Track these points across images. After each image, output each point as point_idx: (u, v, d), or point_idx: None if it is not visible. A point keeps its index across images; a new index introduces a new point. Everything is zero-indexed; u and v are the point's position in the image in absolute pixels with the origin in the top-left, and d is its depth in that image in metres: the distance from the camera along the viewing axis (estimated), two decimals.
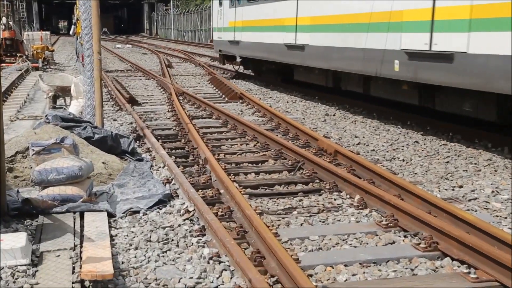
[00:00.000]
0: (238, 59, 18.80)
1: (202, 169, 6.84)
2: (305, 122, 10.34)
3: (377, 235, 4.82)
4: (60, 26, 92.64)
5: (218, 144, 8.41)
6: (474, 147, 8.02)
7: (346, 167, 6.71)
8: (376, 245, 4.61)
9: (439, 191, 6.02)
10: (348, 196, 5.86)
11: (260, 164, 7.33)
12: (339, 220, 5.19)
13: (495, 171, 6.78)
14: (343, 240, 4.71)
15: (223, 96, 14.02)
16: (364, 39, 9.80)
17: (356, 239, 4.73)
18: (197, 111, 11.58)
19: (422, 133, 9.05)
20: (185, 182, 5.85)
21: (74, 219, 4.97)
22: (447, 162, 7.22)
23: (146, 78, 18.65)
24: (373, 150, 7.97)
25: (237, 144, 8.44)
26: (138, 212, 5.35)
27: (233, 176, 6.59)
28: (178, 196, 5.80)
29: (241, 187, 6.15)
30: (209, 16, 49.50)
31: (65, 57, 28.49)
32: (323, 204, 5.65)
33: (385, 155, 7.68)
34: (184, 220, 5.09)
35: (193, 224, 5.00)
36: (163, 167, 6.83)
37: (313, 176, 6.57)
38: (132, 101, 12.64)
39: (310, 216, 5.31)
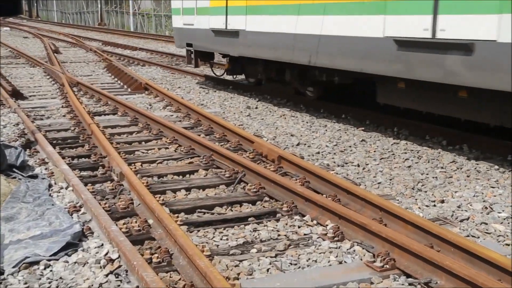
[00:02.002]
0: (217, 59, 12.63)
1: (118, 187, 5.33)
2: (227, 117, 9.00)
3: (372, 282, 3.62)
4: None
5: (130, 149, 6.87)
6: (428, 145, 7.07)
7: (299, 179, 5.47)
8: None
9: (419, 208, 4.93)
10: (314, 221, 4.61)
11: (188, 176, 5.93)
12: (316, 261, 3.93)
13: (468, 176, 5.81)
14: None
15: (125, 86, 12.31)
16: None
17: None
18: (97, 106, 9.87)
19: (363, 128, 8.01)
20: (101, 214, 4.33)
21: None
22: (409, 166, 6.18)
23: (30, 66, 16.39)
24: (318, 152, 6.79)
25: (154, 149, 6.94)
26: (37, 262, 3.79)
27: (160, 197, 5.16)
28: (92, 232, 4.28)
29: (174, 213, 4.73)
30: None
31: None
32: (286, 235, 4.37)
33: (333, 158, 6.52)
34: (107, 275, 3.61)
35: (121, 281, 3.54)
36: (66, 188, 5.24)
37: (260, 192, 5.27)
38: (16, 94, 10.67)
39: (276, 255, 4.01)
